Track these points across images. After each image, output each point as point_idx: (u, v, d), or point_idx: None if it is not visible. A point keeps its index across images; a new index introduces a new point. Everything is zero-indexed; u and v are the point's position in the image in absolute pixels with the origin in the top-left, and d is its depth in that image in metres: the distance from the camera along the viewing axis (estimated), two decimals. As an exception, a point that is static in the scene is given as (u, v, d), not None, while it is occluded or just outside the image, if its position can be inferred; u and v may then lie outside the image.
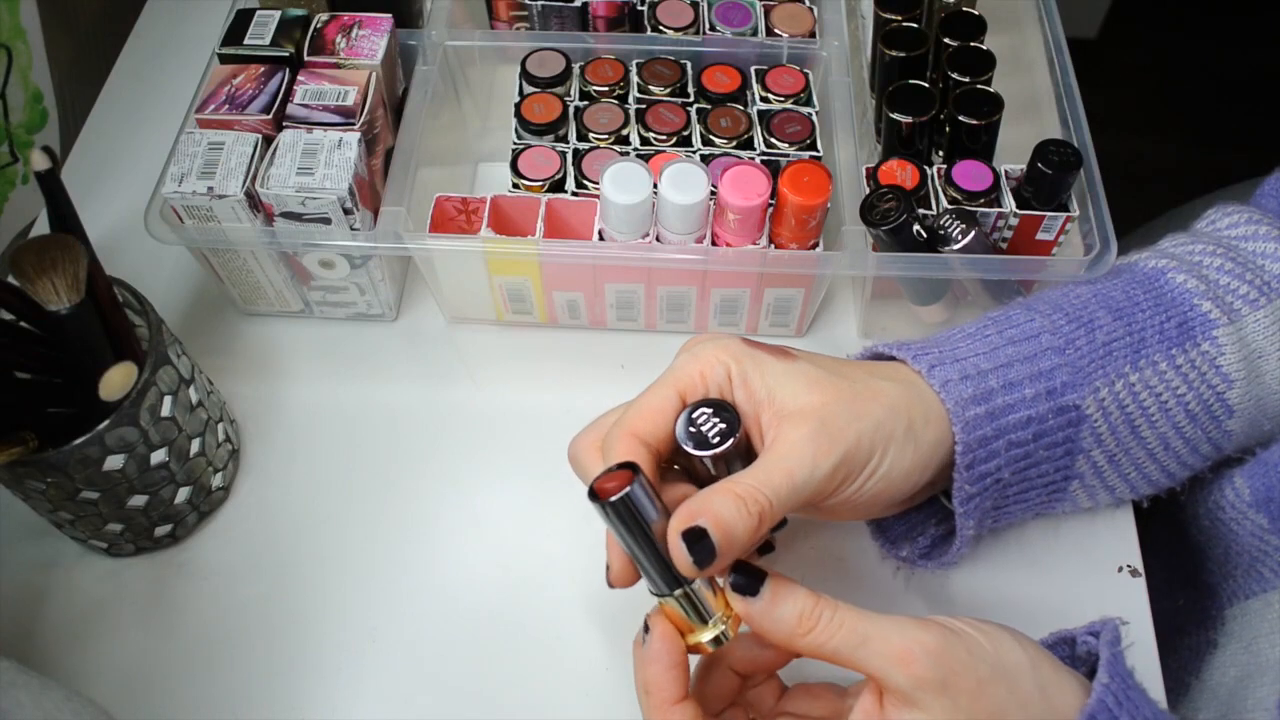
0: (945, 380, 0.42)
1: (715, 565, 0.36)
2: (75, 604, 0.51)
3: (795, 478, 0.37)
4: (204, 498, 0.52)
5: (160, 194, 0.51)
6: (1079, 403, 0.43)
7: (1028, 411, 0.42)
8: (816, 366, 0.40)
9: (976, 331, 0.45)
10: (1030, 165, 0.52)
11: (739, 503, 0.36)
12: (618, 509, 0.36)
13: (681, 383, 0.40)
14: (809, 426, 0.38)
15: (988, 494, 0.43)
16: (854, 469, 0.39)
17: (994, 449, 0.42)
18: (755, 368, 0.39)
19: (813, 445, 0.37)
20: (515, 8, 0.65)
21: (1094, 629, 0.39)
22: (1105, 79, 1.67)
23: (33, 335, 0.46)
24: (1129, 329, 0.44)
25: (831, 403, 0.39)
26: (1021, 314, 0.45)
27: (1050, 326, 0.44)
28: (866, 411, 0.39)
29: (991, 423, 0.42)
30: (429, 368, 0.59)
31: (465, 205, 0.55)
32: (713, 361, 0.40)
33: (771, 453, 0.38)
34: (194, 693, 0.48)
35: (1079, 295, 0.46)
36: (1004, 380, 0.42)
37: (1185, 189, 0.79)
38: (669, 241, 0.52)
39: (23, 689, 0.38)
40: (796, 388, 0.39)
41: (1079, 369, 0.43)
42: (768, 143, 0.57)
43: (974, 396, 0.42)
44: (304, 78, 0.54)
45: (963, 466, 0.42)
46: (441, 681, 0.49)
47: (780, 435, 0.38)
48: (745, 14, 0.62)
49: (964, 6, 0.59)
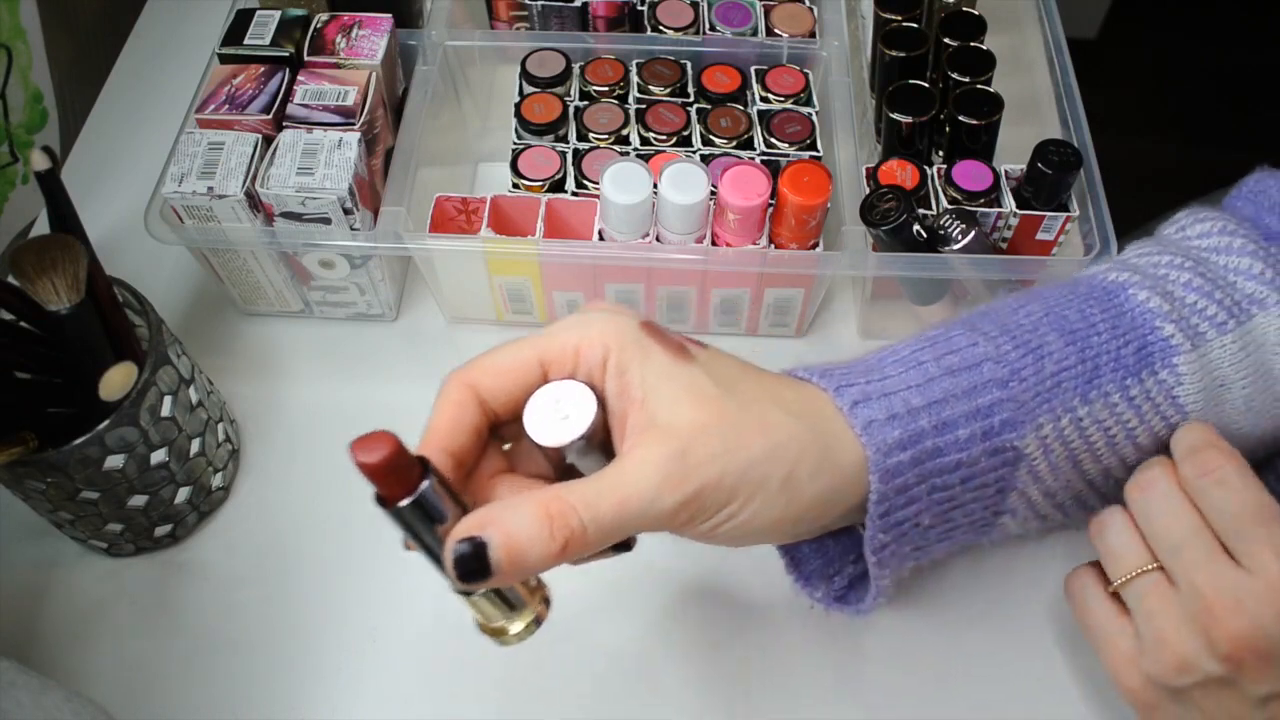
0: (869, 421, 0.37)
1: (493, 583, 0.32)
2: (75, 604, 0.51)
3: (628, 507, 0.33)
4: (204, 498, 0.52)
5: (160, 194, 0.51)
6: (1017, 443, 0.38)
7: (958, 455, 0.38)
8: (710, 377, 0.35)
9: (911, 356, 0.39)
10: (1030, 165, 0.52)
11: (544, 522, 0.32)
12: (402, 516, 0.32)
13: (550, 351, 0.35)
14: (667, 450, 0.33)
15: (905, 540, 0.39)
16: (706, 508, 0.34)
17: (914, 494, 0.38)
18: (639, 361, 0.35)
19: (661, 474, 0.33)
20: (515, 8, 0.65)
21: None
22: (1105, 79, 1.67)
23: (33, 335, 0.46)
24: (1082, 356, 0.40)
25: (707, 426, 0.34)
26: (964, 336, 0.40)
27: (995, 354, 0.39)
28: (742, 447, 0.34)
29: (915, 468, 0.37)
30: (429, 368, 0.58)
31: (465, 205, 0.55)
32: (595, 340, 0.35)
33: (615, 469, 0.33)
34: (194, 693, 0.48)
35: (1030, 314, 0.41)
36: (936, 420, 0.37)
37: (1185, 189, 0.79)
38: (669, 241, 0.52)
39: (23, 689, 0.38)
40: (676, 397, 0.34)
41: (1022, 404, 0.38)
42: (768, 143, 0.57)
43: (899, 441, 0.37)
44: (304, 78, 0.54)
45: (877, 515, 0.37)
46: (441, 681, 0.49)
47: (634, 450, 0.34)
48: (745, 14, 0.62)
49: (964, 6, 0.59)
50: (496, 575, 0.32)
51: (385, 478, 0.31)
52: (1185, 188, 0.81)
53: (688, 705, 0.47)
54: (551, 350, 0.35)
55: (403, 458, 0.31)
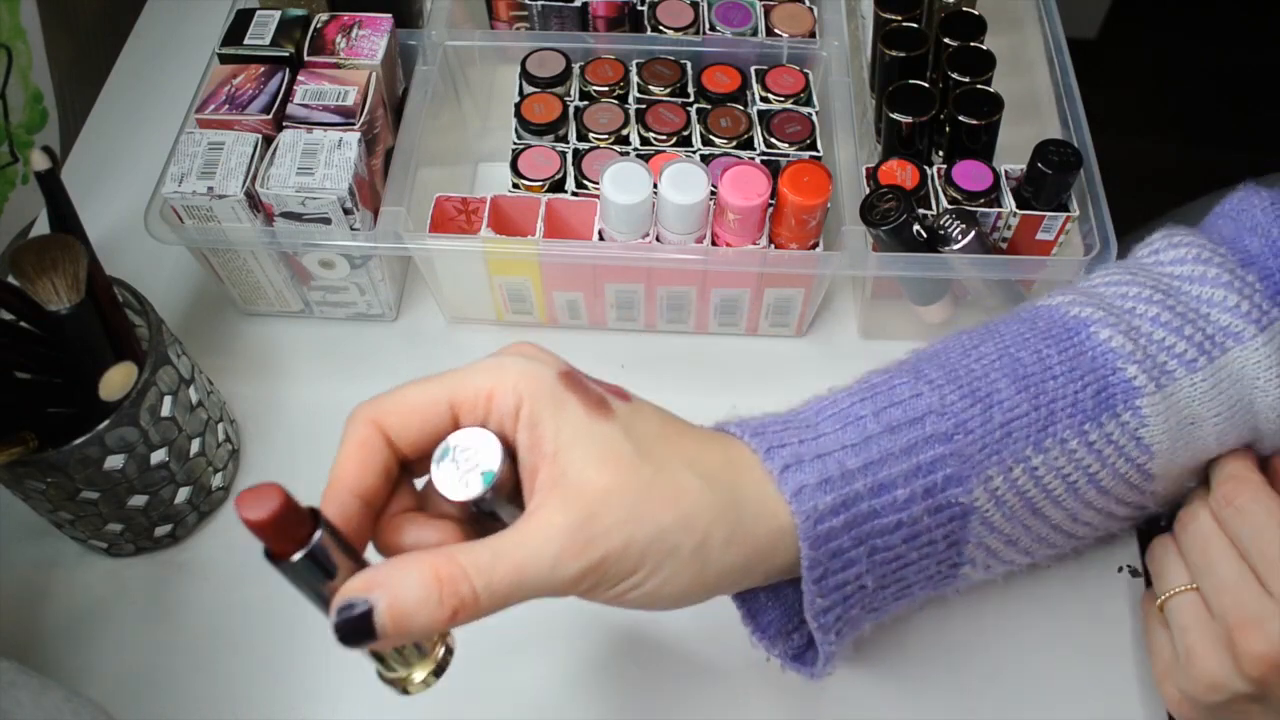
0: (799, 487, 0.35)
1: (378, 646, 0.31)
2: (75, 604, 0.51)
3: (524, 574, 0.31)
4: (204, 498, 0.52)
5: (160, 194, 0.51)
6: (963, 499, 0.37)
7: (897, 515, 0.36)
8: (626, 436, 0.34)
9: (850, 410, 0.38)
10: (1030, 165, 0.52)
11: (434, 588, 0.30)
12: (291, 570, 0.31)
13: (461, 393, 0.34)
14: (571, 517, 0.32)
15: (850, 602, 0.37)
16: (609, 577, 0.33)
17: (851, 557, 0.36)
18: (552, 414, 0.33)
19: (563, 541, 0.32)
20: (515, 8, 0.65)
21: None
22: (1105, 79, 1.67)
23: (33, 335, 0.46)
24: (1035, 403, 0.38)
25: (616, 491, 0.33)
26: (908, 385, 0.38)
27: (939, 405, 0.38)
28: (651, 515, 0.33)
29: (849, 532, 0.36)
30: (429, 368, 0.57)
31: (465, 205, 0.55)
32: (509, 388, 0.33)
33: (515, 532, 0.32)
34: (194, 693, 0.48)
35: (981, 357, 0.39)
36: (873, 482, 0.36)
37: (1185, 189, 0.79)
38: (669, 241, 0.52)
39: (23, 689, 0.38)
40: (587, 456, 0.33)
41: (967, 459, 0.37)
42: (768, 143, 0.57)
43: (832, 506, 0.35)
44: (304, 78, 0.54)
45: (811, 580, 0.36)
46: (441, 681, 0.48)
47: (538, 512, 0.32)
48: (745, 14, 0.62)
49: (964, 6, 0.59)
50: (382, 639, 0.31)
51: (274, 534, 0.30)
52: (1185, 188, 0.81)
53: None
54: (463, 393, 0.34)
55: (291, 512, 0.30)
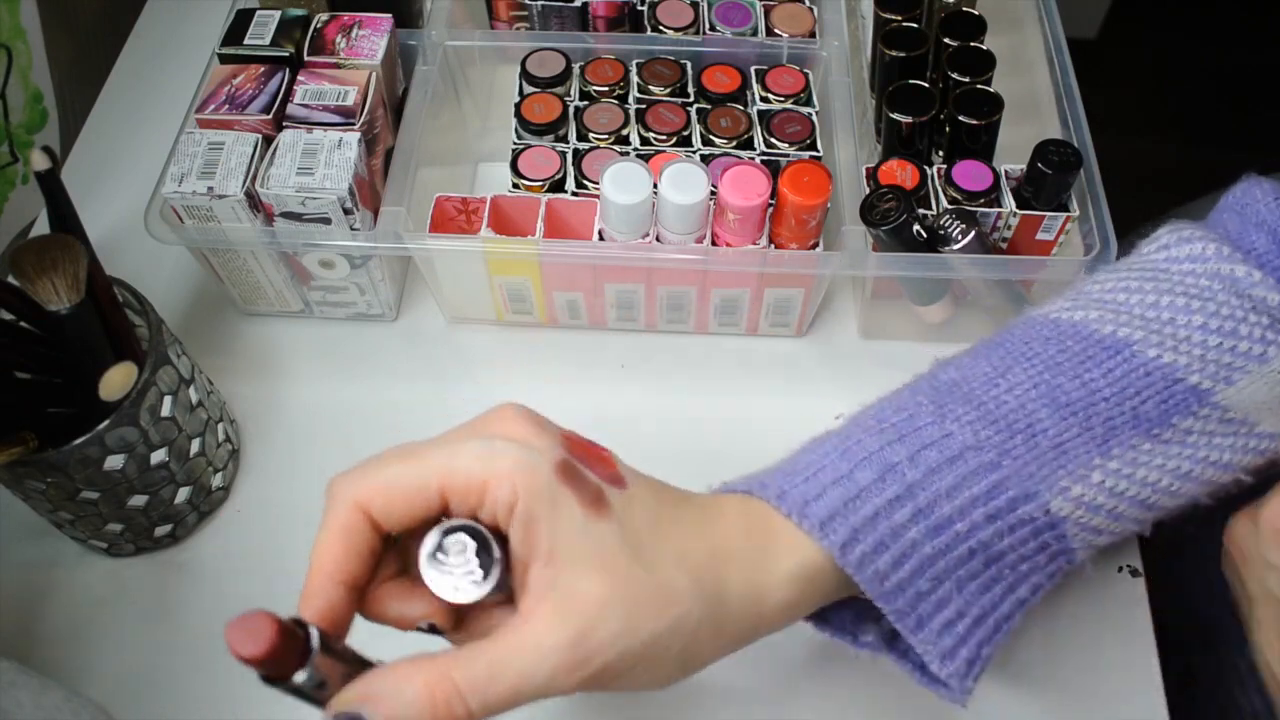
0: (861, 559, 0.35)
1: None
2: (75, 604, 0.51)
3: (522, 690, 0.31)
4: (204, 498, 0.52)
5: (160, 194, 0.51)
6: (1036, 515, 0.36)
7: (967, 544, 0.36)
8: (621, 537, 0.33)
9: (880, 457, 0.36)
10: (1030, 165, 0.52)
11: (427, 708, 0.30)
12: (291, 689, 0.31)
13: (453, 481, 0.33)
14: (568, 633, 0.31)
15: (976, 633, 0.37)
16: (605, 684, 0.33)
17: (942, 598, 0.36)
18: (549, 515, 0.32)
19: (558, 659, 0.31)
20: (515, 8, 0.65)
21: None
22: (1105, 79, 1.67)
23: (33, 335, 0.46)
24: (1086, 425, 0.37)
25: (610, 603, 0.32)
26: (934, 426, 0.37)
27: (974, 441, 0.36)
28: (645, 627, 0.33)
29: (923, 576, 0.35)
30: (429, 368, 0.59)
31: (465, 205, 0.55)
32: (504, 480, 0.32)
33: (511, 642, 0.32)
34: (194, 693, 0.48)
35: (1012, 388, 0.38)
36: (929, 525, 0.35)
37: (1185, 189, 0.79)
38: (669, 241, 0.52)
39: (23, 689, 0.38)
40: (583, 563, 0.32)
41: (1027, 477, 0.36)
42: (768, 143, 0.57)
43: (894, 561, 0.35)
44: (304, 78, 0.54)
45: (909, 630, 0.36)
46: (441, 681, 0.49)
47: (533, 621, 0.32)
48: (745, 14, 0.62)
49: (964, 6, 0.59)
50: None
51: (272, 664, 0.29)
52: (1185, 188, 0.81)
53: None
54: (455, 480, 0.33)
55: (285, 640, 0.29)
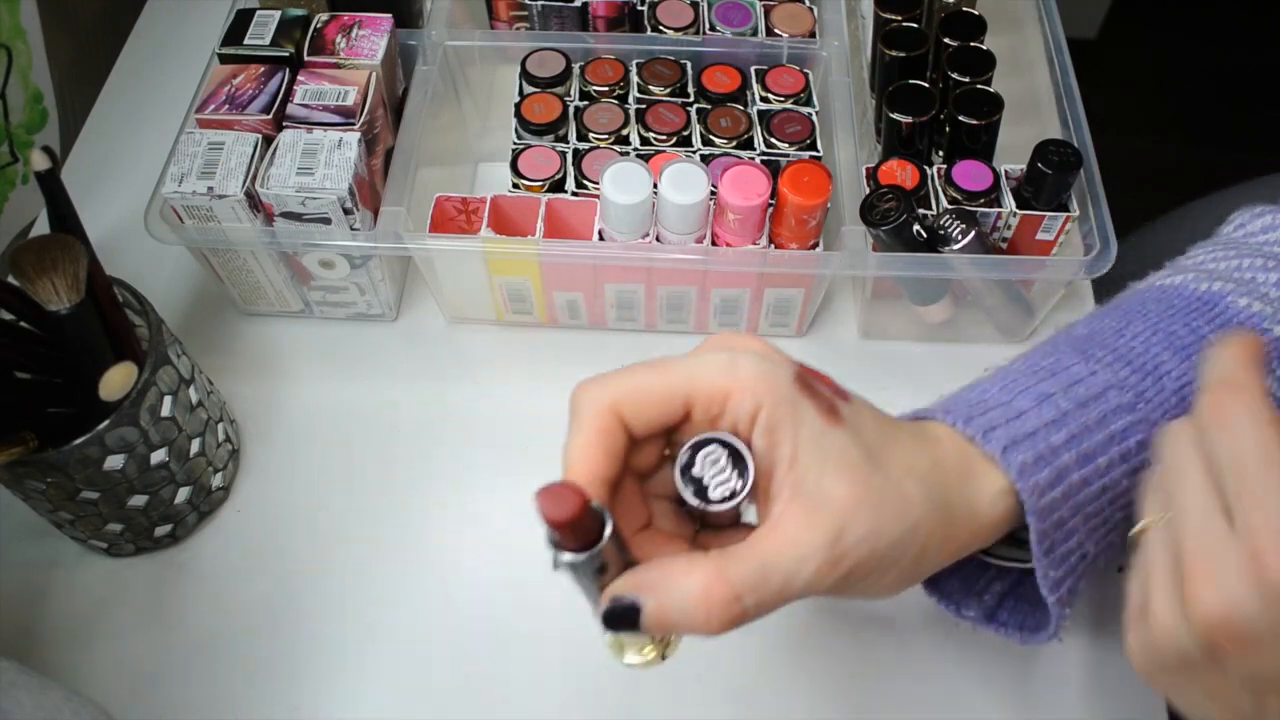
0: (1022, 466, 0.37)
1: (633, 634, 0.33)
2: (75, 604, 0.51)
3: (790, 588, 0.33)
4: (204, 498, 0.52)
5: (160, 194, 0.51)
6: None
7: (1102, 481, 0.38)
8: (857, 444, 0.35)
9: (1037, 390, 0.39)
10: (1030, 165, 0.52)
11: (703, 605, 0.32)
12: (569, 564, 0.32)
13: (699, 389, 0.34)
14: (826, 533, 0.33)
15: (1076, 572, 0.39)
16: (849, 585, 0.34)
17: (1071, 527, 0.38)
18: (791, 422, 0.34)
19: (819, 560, 0.33)
20: (515, 8, 0.65)
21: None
22: (1105, 79, 1.67)
23: (33, 335, 0.46)
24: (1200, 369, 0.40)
25: (857, 504, 0.34)
26: (1080, 366, 0.40)
27: (1116, 380, 0.39)
28: (888, 530, 0.34)
29: (1067, 502, 0.38)
30: (429, 368, 0.59)
31: (465, 205, 0.55)
32: (747, 390, 0.34)
33: (775, 548, 0.33)
34: (194, 693, 0.48)
35: (1137, 335, 0.41)
36: (1078, 453, 0.38)
37: (1185, 189, 0.79)
38: (669, 241, 0.52)
39: (23, 689, 0.38)
40: (826, 466, 0.34)
41: (1154, 423, 0.39)
42: (768, 143, 0.57)
43: (1049, 480, 0.37)
44: (304, 78, 0.54)
45: (1042, 554, 0.38)
46: (441, 681, 0.49)
47: (791, 529, 0.33)
48: (745, 14, 0.62)
49: (964, 6, 0.59)
50: (644, 631, 0.32)
51: (567, 532, 0.31)
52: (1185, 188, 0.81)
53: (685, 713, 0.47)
54: (699, 389, 0.34)
55: (587, 511, 0.30)
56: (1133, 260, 0.49)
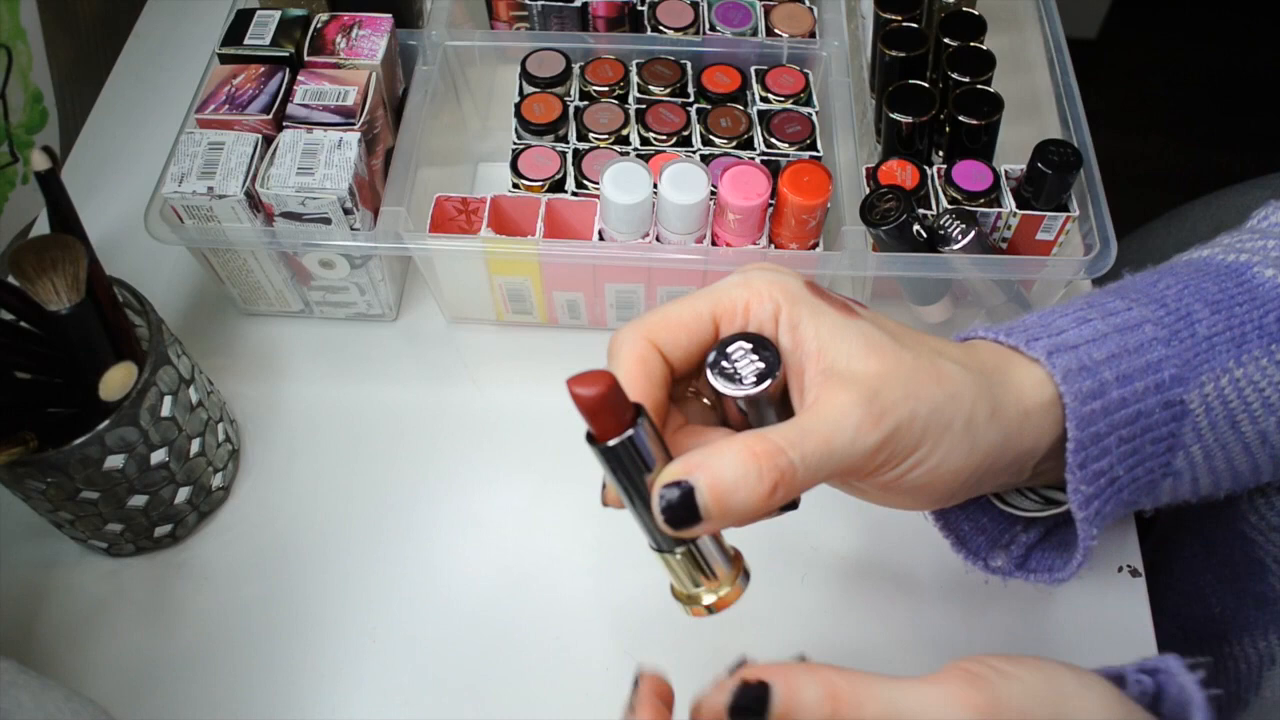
0: (1066, 370, 0.38)
1: (702, 529, 0.32)
2: (75, 604, 0.51)
3: (833, 444, 0.33)
4: (204, 498, 0.52)
5: (160, 194, 0.51)
6: (1185, 397, 0.40)
7: (1138, 405, 0.39)
8: (879, 329, 0.36)
9: (1078, 316, 0.41)
10: (1030, 165, 0.52)
11: (751, 464, 0.31)
12: (614, 455, 0.32)
13: (721, 305, 0.35)
14: (858, 393, 0.33)
15: (1105, 496, 0.40)
16: (898, 452, 0.35)
17: (1106, 445, 0.39)
18: (810, 315, 0.35)
19: (859, 413, 0.33)
20: (515, 8, 0.65)
21: (1149, 665, 0.35)
22: (1105, 79, 1.67)
23: (33, 335, 0.46)
24: (1229, 323, 0.41)
25: (888, 373, 0.34)
26: (1118, 302, 0.42)
27: (1152, 317, 0.41)
28: (925, 392, 0.35)
29: (1105, 418, 0.38)
30: (429, 368, 0.59)
31: (465, 205, 0.55)
32: (763, 296, 0.35)
33: (811, 413, 0.34)
34: (194, 693, 0.48)
35: (1169, 286, 0.43)
36: (1117, 372, 0.39)
37: (1185, 189, 0.79)
38: (669, 241, 0.52)
39: (23, 689, 0.38)
40: (852, 348, 0.35)
41: (1185, 362, 0.40)
42: (768, 143, 0.57)
43: (1091, 391, 0.38)
44: (304, 78, 0.54)
45: (1076, 465, 0.38)
46: (441, 681, 0.49)
47: (824, 396, 0.34)
48: (745, 14, 0.62)
49: (964, 6, 0.59)
50: (705, 520, 0.32)
51: (600, 414, 0.31)
52: (1185, 188, 0.81)
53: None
54: (722, 305, 0.35)
55: (618, 396, 0.31)
56: (1133, 260, 0.49)
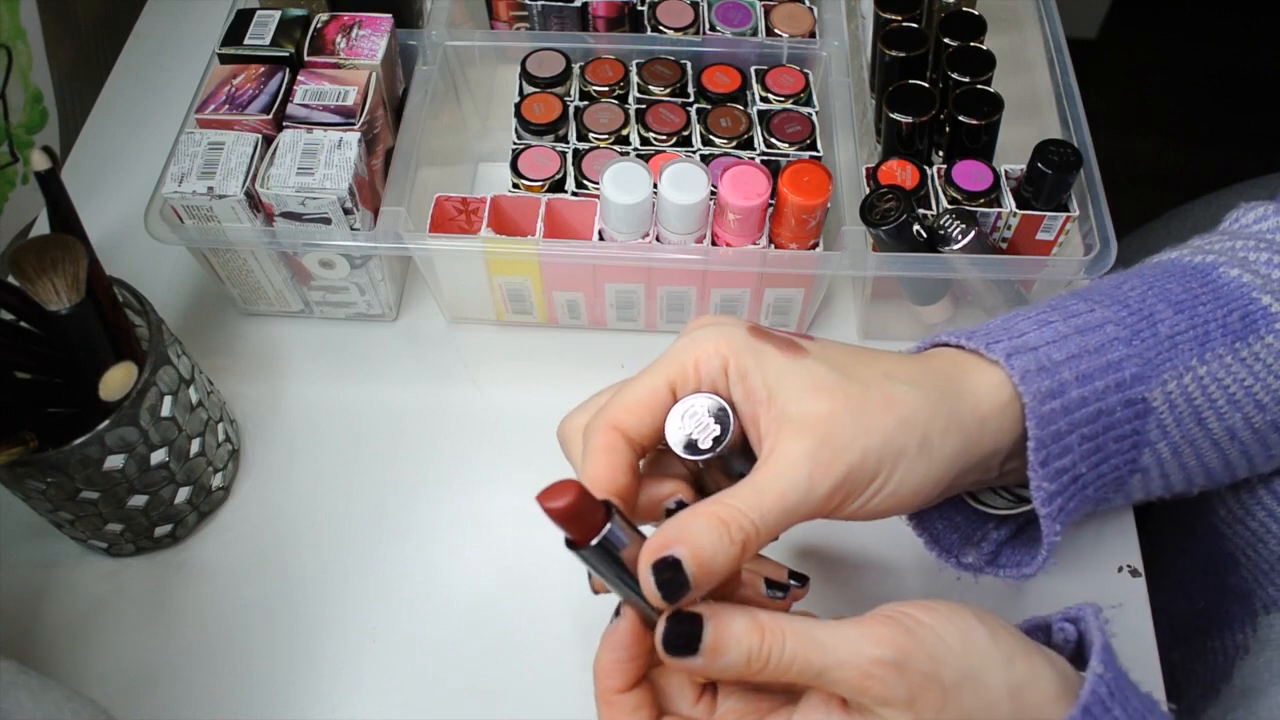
0: (1024, 371, 0.39)
1: (691, 597, 0.33)
2: (75, 604, 0.51)
3: (788, 500, 0.34)
4: (204, 498, 0.52)
5: (160, 194, 0.51)
6: (1146, 395, 0.41)
7: (1099, 404, 0.40)
8: (826, 365, 0.37)
9: (1040, 318, 0.42)
10: (1030, 165, 0.52)
11: (720, 529, 0.33)
12: (594, 554, 0.33)
13: (672, 372, 0.37)
14: (808, 442, 0.35)
15: (1067, 492, 0.41)
16: (856, 488, 0.36)
17: (1068, 444, 0.40)
18: (756, 364, 0.36)
19: (810, 464, 0.35)
20: (515, 8, 0.65)
21: (1071, 614, 0.37)
22: (1105, 79, 1.67)
23: (33, 335, 0.46)
24: (1191, 322, 0.42)
25: (838, 413, 0.36)
26: (1080, 304, 0.43)
27: (1114, 318, 0.42)
28: (876, 425, 0.36)
29: (1065, 417, 0.39)
30: (429, 368, 0.59)
31: (465, 205, 0.55)
32: (710, 352, 0.37)
33: (766, 469, 0.35)
34: (194, 693, 0.48)
35: (1134, 288, 0.44)
36: (1077, 372, 0.40)
37: (1185, 189, 0.79)
38: (669, 241, 0.52)
39: (23, 689, 0.38)
40: (800, 391, 0.36)
41: (1147, 360, 0.41)
42: (768, 143, 0.57)
43: (1050, 390, 0.39)
44: (304, 78, 0.54)
45: (1037, 464, 0.39)
46: (441, 681, 0.49)
47: (778, 447, 0.35)
48: (745, 14, 0.62)
49: (964, 6, 0.59)
50: (694, 589, 0.33)
51: (573, 521, 0.32)
52: (1185, 188, 0.81)
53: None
54: (674, 370, 0.37)
55: (587, 501, 0.32)
56: (1132, 260, 0.50)
